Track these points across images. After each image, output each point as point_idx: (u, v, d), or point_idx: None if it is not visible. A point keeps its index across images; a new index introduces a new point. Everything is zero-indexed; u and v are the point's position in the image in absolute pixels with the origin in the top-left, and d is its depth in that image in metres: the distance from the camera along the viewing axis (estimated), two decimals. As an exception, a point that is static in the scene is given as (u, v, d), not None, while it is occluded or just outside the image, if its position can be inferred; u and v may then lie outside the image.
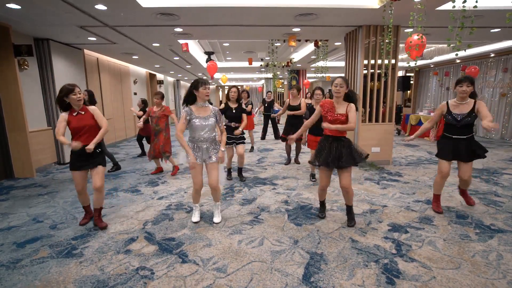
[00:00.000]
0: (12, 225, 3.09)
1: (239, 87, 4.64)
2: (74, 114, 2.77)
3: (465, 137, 3.00)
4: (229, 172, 4.64)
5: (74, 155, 2.80)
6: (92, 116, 2.83)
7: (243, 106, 4.48)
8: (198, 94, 2.77)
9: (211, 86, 19.60)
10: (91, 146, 2.70)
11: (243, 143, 4.37)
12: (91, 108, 2.88)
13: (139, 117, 6.24)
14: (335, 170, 2.94)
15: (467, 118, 2.92)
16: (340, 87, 2.72)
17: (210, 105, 2.91)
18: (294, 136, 3.09)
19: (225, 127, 3.40)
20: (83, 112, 2.79)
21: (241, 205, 3.53)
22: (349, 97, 2.79)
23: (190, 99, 2.82)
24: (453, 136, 3.03)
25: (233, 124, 4.26)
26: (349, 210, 2.96)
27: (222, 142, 2.92)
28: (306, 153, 6.42)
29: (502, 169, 5.05)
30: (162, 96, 4.82)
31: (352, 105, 2.76)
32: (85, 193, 2.97)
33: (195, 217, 3.08)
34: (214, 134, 2.90)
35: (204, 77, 3.63)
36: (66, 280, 2.12)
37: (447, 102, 3.07)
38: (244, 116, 4.27)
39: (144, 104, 6.38)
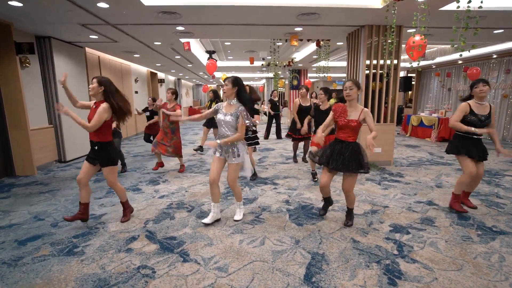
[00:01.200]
0: (14, 222, 3.09)
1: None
2: (93, 106, 2.82)
3: (482, 137, 3.11)
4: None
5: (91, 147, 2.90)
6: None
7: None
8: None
9: (211, 85, 19.56)
10: (64, 109, 2.59)
11: (257, 143, 4.37)
12: (102, 105, 2.74)
13: (145, 112, 6.17)
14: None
15: (488, 119, 3.01)
16: (350, 90, 2.64)
17: (239, 104, 2.82)
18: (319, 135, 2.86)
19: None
20: (94, 106, 2.79)
21: (242, 205, 3.51)
22: (342, 100, 2.80)
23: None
24: (474, 137, 3.07)
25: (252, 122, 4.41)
26: (349, 212, 2.99)
27: (226, 139, 2.79)
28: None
29: (504, 171, 5.04)
30: (174, 92, 4.80)
31: (367, 110, 2.70)
32: (84, 187, 2.87)
33: (207, 219, 2.96)
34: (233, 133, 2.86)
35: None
36: (67, 278, 2.12)
37: (469, 104, 3.07)
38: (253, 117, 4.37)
39: (154, 101, 6.41)
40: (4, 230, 2.91)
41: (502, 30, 5.58)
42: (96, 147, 2.83)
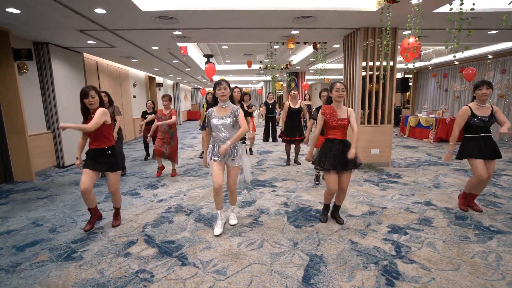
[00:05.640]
0: (12, 228, 3.09)
1: (241, 88, 4.63)
2: (88, 117, 2.82)
3: (490, 135, 3.12)
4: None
5: (88, 156, 2.86)
6: None
7: (245, 108, 4.49)
8: (216, 95, 2.79)
9: (209, 89, 19.56)
10: (62, 124, 2.55)
11: (244, 143, 4.35)
12: (98, 110, 2.79)
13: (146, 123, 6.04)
14: None
15: (492, 119, 3.05)
16: (342, 92, 2.78)
17: (232, 105, 2.82)
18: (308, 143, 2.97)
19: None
20: (93, 115, 2.79)
21: (240, 208, 3.53)
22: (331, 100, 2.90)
23: (213, 101, 2.88)
24: (482, 135, 3.08)
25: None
26: (337, 209, 3.10)
27: (235, 136, 2.74)
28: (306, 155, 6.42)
29: (501, 170, 5.06)
30: (170, 98, 4.91)
31: (351, 109, 2.87)
32: (88, 194, 2.83)
33: (217, 229, 2.85)
34: (232, 135, 2.80)
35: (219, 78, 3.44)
36: (66, 283, 2.12)
37: (469, 106, 3.10)
38: (246, 120, 4.31)
39: (153, 105, 6.49)
40: (2, 236, 2.91)
41: (496, 31, 5.64)
42: (109, 152, 2.86)
